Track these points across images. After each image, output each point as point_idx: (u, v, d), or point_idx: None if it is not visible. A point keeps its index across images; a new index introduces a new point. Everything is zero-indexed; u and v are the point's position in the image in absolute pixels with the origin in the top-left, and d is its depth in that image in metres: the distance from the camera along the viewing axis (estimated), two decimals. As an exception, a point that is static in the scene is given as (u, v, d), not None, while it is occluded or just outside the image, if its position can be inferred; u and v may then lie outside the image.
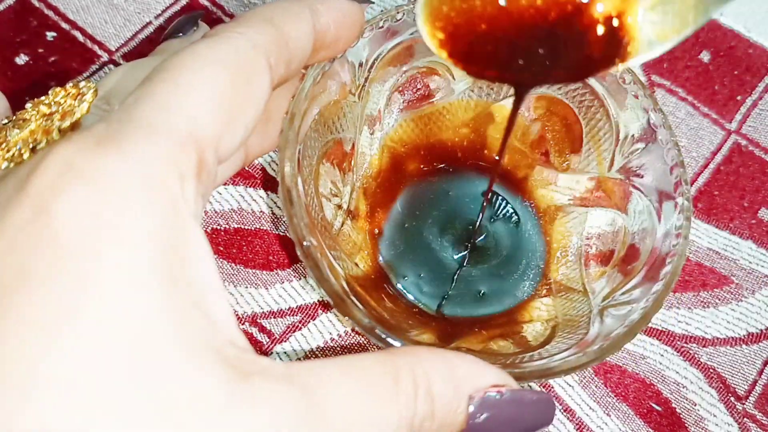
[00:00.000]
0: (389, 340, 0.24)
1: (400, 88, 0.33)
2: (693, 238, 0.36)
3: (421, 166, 0.34)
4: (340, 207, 0.32)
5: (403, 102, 0.34)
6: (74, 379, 0.15)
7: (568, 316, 0.30)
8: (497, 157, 0.28)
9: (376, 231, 0.33)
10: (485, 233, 0.33)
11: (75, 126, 0.20)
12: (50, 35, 0.39)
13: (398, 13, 0.29)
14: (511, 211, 0.34)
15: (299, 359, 0.32)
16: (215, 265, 0.18)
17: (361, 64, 0.30)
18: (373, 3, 0.39)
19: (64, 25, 0.39)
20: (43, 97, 0.21)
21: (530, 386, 0.31)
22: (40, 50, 0.38)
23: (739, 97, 0.40)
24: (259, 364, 0.17)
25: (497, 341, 0.31)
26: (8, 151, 0.19)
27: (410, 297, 0.32)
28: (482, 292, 0.32)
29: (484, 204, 0.32)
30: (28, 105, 0.21)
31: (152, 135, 0.17)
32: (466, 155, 0.35)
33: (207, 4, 0.40)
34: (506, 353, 0.29)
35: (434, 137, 0.35)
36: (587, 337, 0.28)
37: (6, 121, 0.20)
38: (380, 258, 0.32)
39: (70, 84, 0.21)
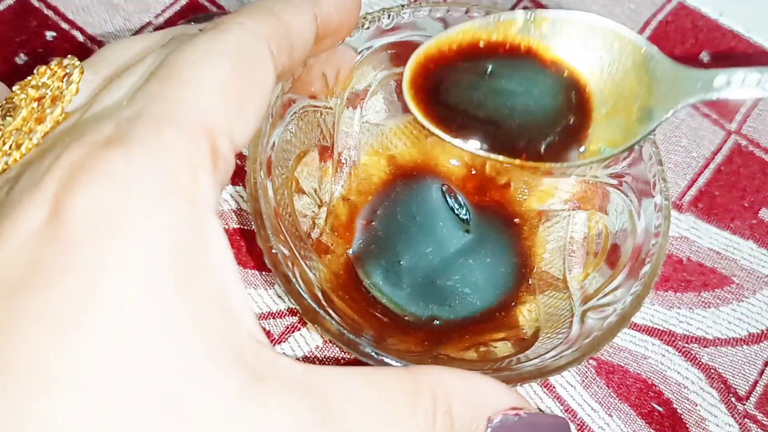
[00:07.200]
0: (369, 351, 0.24)
1: (375, 94, 0.33)
2: (694, 239, 0.36)
3: (400, 174, 0.34)
4: (317, 217, 0.32)
5: (378, 107, 0.34)
6: (83, 378, 0.15)
7: (550, 312, 0.30)
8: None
9: (356, 239, 0.32)
10: (467, 237, 0.33)
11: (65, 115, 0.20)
12: (50, 35, 0.39)
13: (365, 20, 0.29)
14: (492, 216, 0.34)
15: (298, 360, 0.32)
16: (233, 258, 0.18)
17: (336, 72, 0.30)
18: None
19: (64, 25, 0.39)
20: (29, 78, 0.20)
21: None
22: (40, 50, 0.38)
23: (739, 98, 0.40)
24: (277, 363, 0.17)
25: (479, 348, 0.30)
26: (4, 143, 0.19)
27: (389, 304, 0.31)
28: (465, 295, 0.32)
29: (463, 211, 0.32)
30: (16, 87, 0.20)
31: (161, 129, 0.17)
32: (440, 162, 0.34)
33: (207, 4, 0.40)
34: (494, 359, 0.29)
35: (411, 144, 0.34)
36: (569, 337, 0.27)
37: None
38: (360, 266, 0.32)
39: (54, 62, 0.21)
